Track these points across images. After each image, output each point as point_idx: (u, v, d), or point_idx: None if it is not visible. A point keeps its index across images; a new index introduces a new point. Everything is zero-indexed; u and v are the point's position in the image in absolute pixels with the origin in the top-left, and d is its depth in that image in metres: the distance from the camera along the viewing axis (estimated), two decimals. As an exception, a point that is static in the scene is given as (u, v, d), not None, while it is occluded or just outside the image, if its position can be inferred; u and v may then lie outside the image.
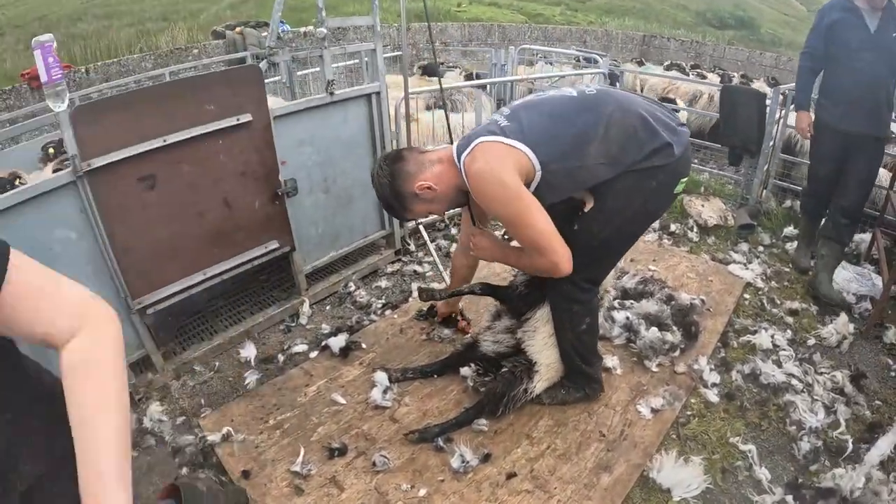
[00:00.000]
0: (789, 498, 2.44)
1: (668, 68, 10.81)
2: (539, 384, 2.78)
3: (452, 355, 3.16)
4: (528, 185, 2.25)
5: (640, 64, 11.70)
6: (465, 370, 3.00)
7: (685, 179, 2.43)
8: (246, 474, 2.52)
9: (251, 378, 3.10)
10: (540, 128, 2.26)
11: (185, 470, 2.59)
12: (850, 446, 2.73)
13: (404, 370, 3.12)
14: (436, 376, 3.11)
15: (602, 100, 2.31)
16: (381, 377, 2.99)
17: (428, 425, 2.77)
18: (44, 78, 2.36)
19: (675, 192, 2.44)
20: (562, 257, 2.26)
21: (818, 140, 4.02)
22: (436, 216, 2.49)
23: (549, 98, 2.38)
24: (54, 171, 2.65)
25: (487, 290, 3.00)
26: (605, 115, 2.25)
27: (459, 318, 3.45)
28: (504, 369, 2.82)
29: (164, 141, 2.77)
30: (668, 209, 2.67)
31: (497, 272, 3.87)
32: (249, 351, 3.31)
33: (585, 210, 2.40)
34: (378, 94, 3.74)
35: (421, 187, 2.34)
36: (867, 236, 4.51)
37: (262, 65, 3.84)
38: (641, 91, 8.59)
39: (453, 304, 3.42)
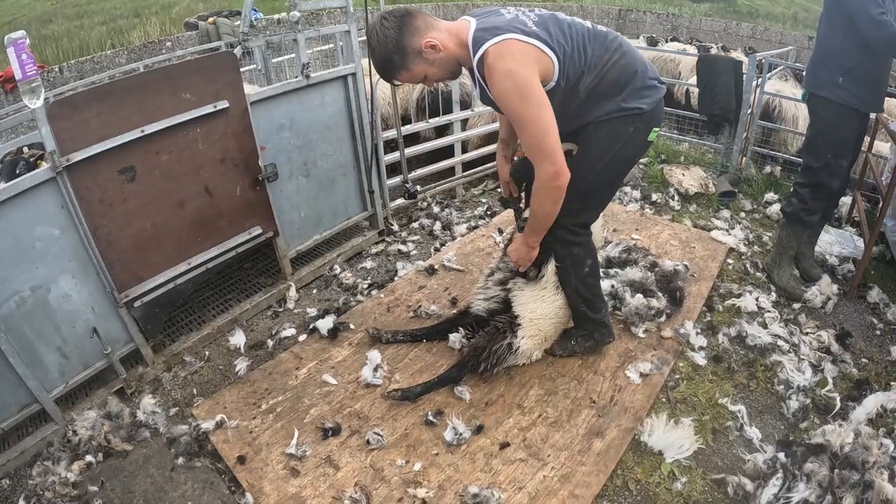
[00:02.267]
0: (781, 455, 2.47)
1: (651, 42, 10.76)
2: (524, 340, 2.81)
3: (443, 321, 3.22)
4: None
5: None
6: (453, 336, 3.05)
7: (657, 129, 2.57)
8: (241, 460, 2.54)
9: (241, 365, 3.10)
10: (566, 44, 2.29)
11: (181, 460, 2.59)
12: (839, 403, 2.79)
13: (395, 332, 3.19)
14: (425, 340, 3.19)
15: (611, 38, 2.43)
16: (373, 355, 3.01)
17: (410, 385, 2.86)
18: (18, 75, 2.33)
19: (649, 139, 2.56)
20: (562, 165, 2.29)
21: (841, 127, 3.34)
22: (422, 84, 2.46)
23: (572, 21, 2.40)
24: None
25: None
26: (610, 52, 2.39)
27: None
28: (489, 326, 2.87)
29: (143, 132, 2.74)
30: (644, 155, 2.73)
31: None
32: (238, 338, 3.31)
33: (572, 156, 2.52)
34: (354, 75, 3.72)
35: (427, 45, 2.26)
36: (848, 199, 4.56)
37: (237, 51, 3.80)
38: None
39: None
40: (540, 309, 2.84)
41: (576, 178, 2.42)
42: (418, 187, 4.69)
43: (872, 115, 3.87)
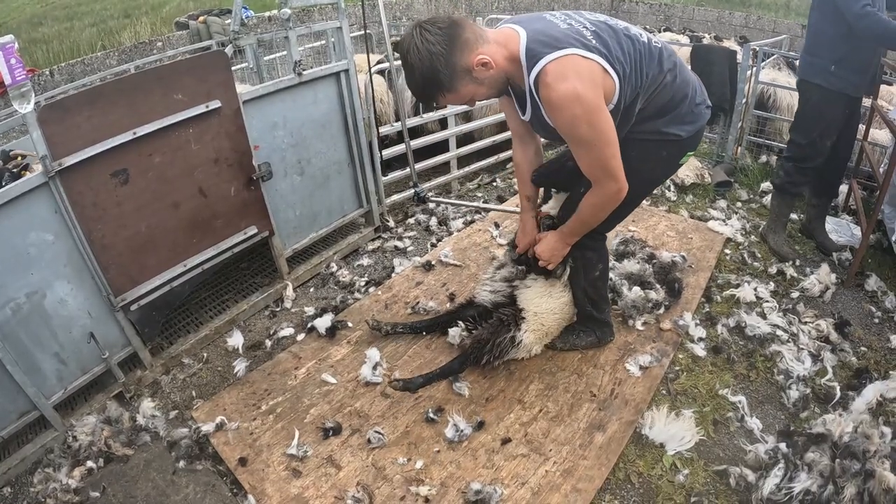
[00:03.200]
0: (782, 445, 2.47)
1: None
2: (527, 334, 2.81)
3: (444, 313, 3.22)
4: None
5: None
6: (452, 331, 3.04)
7: (692, 153, 2.50)
8: (243, 461, 2.53)
9: (240, 366, 3.09)
10: (626, 63, 2.08)
11: (182, 463, 2.58)
12: (838, 392, 2.79)
13: (395, 325, 3.19)
14: (425, 333, 3.20)
15: (666, 56, 2.23)
16: (372, 353, 3.00)
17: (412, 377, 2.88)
18: (7, 80, 2.31)
19: (680, 162, 2.50)
20: (624, 181, 2.19)
21: (830, 110, 3.48)
22: (467, 106, 2.28)
23: (627, 33, 2.15)
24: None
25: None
26: (663, 74, 2.21)
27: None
28: (493, 319, 2.86)
29: (135, 134, 2.72)
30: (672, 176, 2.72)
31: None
32: (236, 339, 3.30)
33: None
34: (346, 71, 3.70)
35: (479, 62, 2.01)
36: (844, 188, 4.56)
37: (228, 50, 3.78)
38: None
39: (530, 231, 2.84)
40: (545, 304, 2.84)
41: None
42: (430, 193, 4.67)
43: (867, 103, 4.01)
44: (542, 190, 2.85)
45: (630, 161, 2.22)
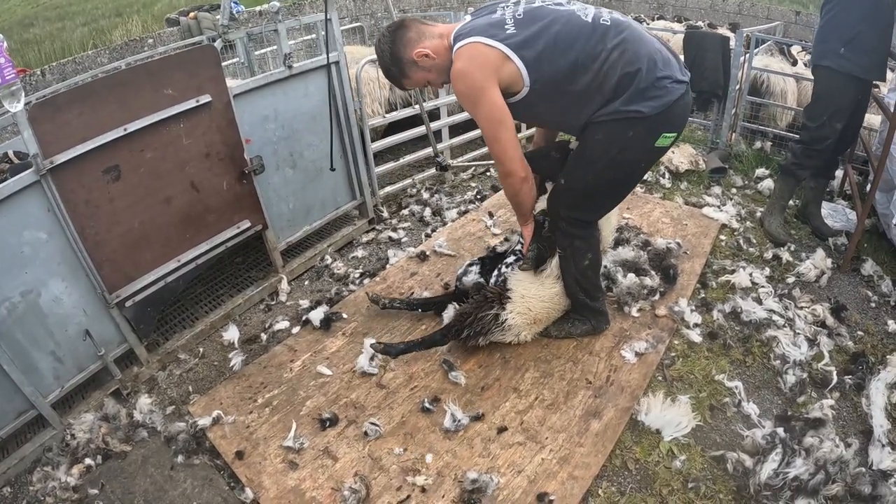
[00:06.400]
0: (779, 430, 2.47)
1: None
2: (511, 315, 2.82)
3: (441, 294, 3.29)
4: (513, 94, 2.37)
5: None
6: (447, 312, 3.05)
7: (672, 134, 2.45)
8: (240, 455, 2.53)
9: (236, 360, 3.10)
10: (543, 46, 2.29)
11: (179, 458, 2.58)
12: (835, 377, 2.79)
13: (392, 299, 3.27)
14: (420, 310, 3.26)
15: (612, 33, 2.30)
16: (367, 344, 2.99)
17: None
18: (-2, 79, 2.31)
19: (657, 145, 2.45)
20: (512, 166, 2.45)
21: (840, 93, 3.54)
22: (432, 84, 2.59)
23: (563, 16, 2.33)
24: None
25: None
26: (607, 51, 2.28)
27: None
28: (478, 295, 2.89)
29: (125, 130, 2.71)
30: (654, 161, 2.71)
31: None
32: (232, 333, 3.30)
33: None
34: (337, 63, 3.69)
35: (419, 54, 2.41)
36: (839, 173, 4.56)
37: (217, 44, 3.76)
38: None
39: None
40: (534, 289, 2.85)
41: (573, 176, 2.55)
42: (451, 162, 4.69)
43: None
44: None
45: (597, 144, 2.43)
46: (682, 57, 4.31)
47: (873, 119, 4.59)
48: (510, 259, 2.99)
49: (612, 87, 2.30)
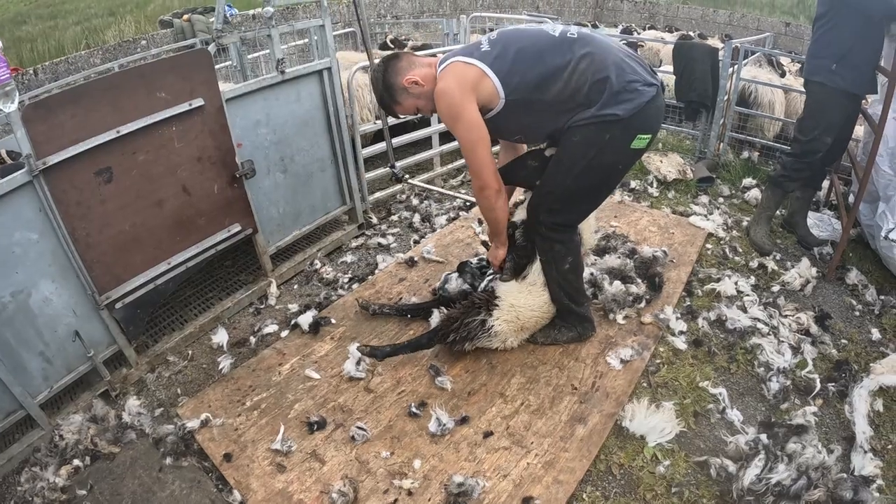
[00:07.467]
0: (763, 436, 2.50)
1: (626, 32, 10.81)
2: (498, 322, 2.85)
3: (430, 301, 3.31)
4: (490, 109, 2.50)
5: (595, 27, 11.70)
6: (434, 318, 3.11)
7: (647, 136, 2.52)
8: (228, 457, 2.54)
9: (225, 363, 3.11)
10: (513, 59, 2.44)
11: (168, 460, 2.59)
12: (818, 384, 2.83)
13: (381, 305, 3.31)
14: (409, 316, 3.30)
15: (579, 44, 2.44)
16: (354, 349, 3.01)
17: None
18: (-9, 79, 2.32)
19: (633, 147, 2.51)
20: (487, 180, 2.56)
21: (831, 108, 3.61)
22: (423, 113, 2.75)
23: (532, 33, 2.54)
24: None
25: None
26: (575, 60, 2.41)
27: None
28: (466, 301, 2.92)
29: (118, 132, 2.73)
30: (632, 164, 2.74)
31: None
32: (221, 336, 3.31)
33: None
34: (329, 69, 3.72)
35: (409, 81, 2.54)
36: (826, 183, 4.61)
37: (211, 48, 3.77)
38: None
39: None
40: (523, 298, 2.88)
41: (552, 180, 2.61)
42: (407, 175, 4.72)
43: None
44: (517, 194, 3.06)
45: (575, 148, 2.51)
46: (671, 67, 4.35)
47: (857, 129, 4.65)
48: (490, 273, 3.07)
49: (585, 94, 2.41)
